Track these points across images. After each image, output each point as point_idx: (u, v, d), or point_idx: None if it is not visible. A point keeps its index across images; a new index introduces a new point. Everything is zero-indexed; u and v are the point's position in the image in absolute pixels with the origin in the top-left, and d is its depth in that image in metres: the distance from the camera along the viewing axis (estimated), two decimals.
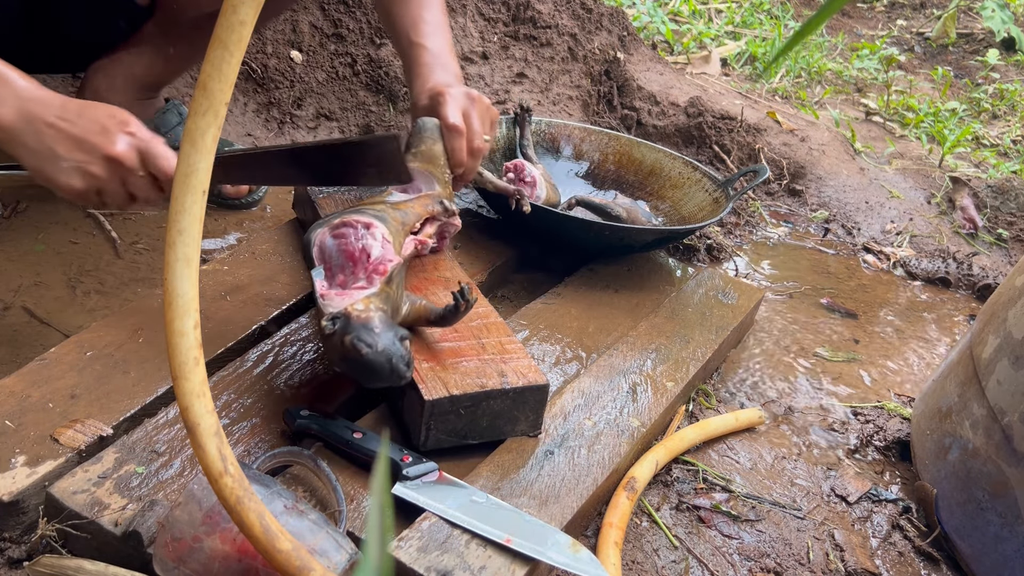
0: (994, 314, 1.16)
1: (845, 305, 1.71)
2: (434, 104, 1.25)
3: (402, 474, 0.95)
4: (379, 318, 0.94)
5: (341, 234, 1.03)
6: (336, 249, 1.02)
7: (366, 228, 1.02)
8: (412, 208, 1.15)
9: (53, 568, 0.82)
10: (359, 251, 1.01)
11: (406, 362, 0.93)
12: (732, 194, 1.62)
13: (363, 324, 0.92)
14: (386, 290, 0.99)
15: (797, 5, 3.96)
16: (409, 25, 1.30)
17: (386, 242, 1.02)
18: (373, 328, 0.92)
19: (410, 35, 1.29)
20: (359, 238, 1.01)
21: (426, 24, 1.30)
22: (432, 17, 1.32)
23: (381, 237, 1.02)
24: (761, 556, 1.08)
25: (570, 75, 2.24)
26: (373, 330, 0.92)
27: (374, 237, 1.02)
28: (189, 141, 0.64)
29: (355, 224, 1.03)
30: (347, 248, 1.01)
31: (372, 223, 1.03)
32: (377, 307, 0.95)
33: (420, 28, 1.29)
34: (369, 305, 0.95)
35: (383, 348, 0.91)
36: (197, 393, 0.67)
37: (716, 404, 1.33)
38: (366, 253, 1.00)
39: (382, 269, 0.99)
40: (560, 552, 0.89)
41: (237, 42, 0.63)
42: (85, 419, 0.95)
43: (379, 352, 0.91)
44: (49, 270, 1.31)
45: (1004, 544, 1.05)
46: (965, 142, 2.67)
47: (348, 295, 0.96)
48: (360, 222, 1.03)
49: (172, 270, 0.65)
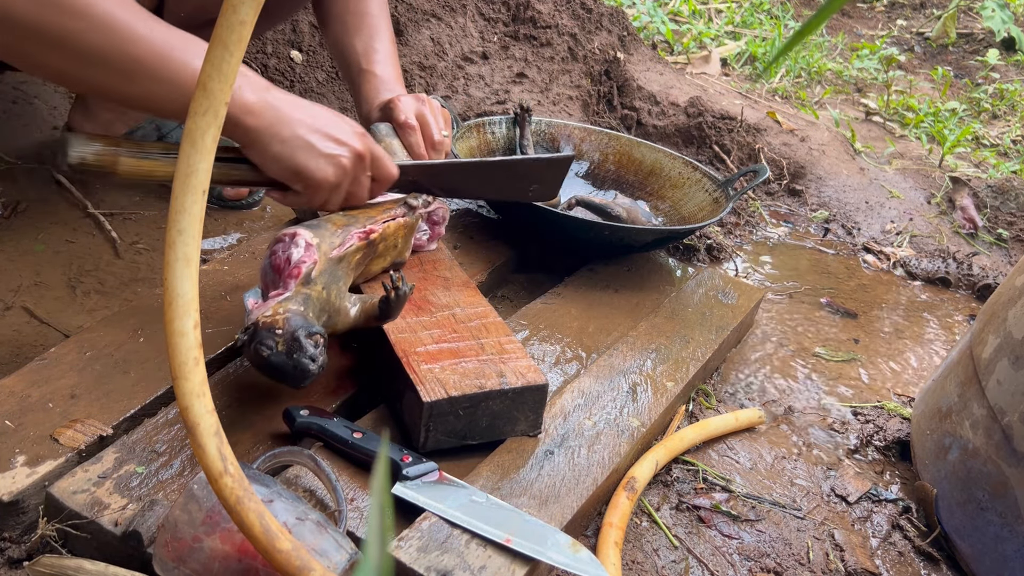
0: (994, 314, 1.16)
1: (845, 305, 1.71)
2: (386, 112, 1.30)
3: (402, 474, 0.95)
4: (286, 319, 0.95)
5: (272, 251, 1.03)
6: (268, 266, 1.03)
7: (291, 237, 1.03)
8: (366, 212, 1.14)
9: (53, 568, 0.82)
10: (283, 261, 1.01)
11: (309, 356, 0.93)
12: (732, 194, 1.62)
13: (267, 329, 0.94)
14: (303, 291, 0.99)
15: (797, 5, 3.96)
16: (361, 53, 1.34)
17: (309, 246, 1.01)
18: (275, 330, 0.93)
19: (361, 63, 1.33)
20: (285, 249, 1.02)
21: (376, 53, 1.35)
22: (383, 48, 1.36)
23: (304, 243, 1.01)
24: (761, 556, 1.08)
25: (570, 75, 2.24)
26: (275, 332, 0.93)
27: (296, 244, 1.01)
28: (189, 141, 0.64)
29: (283, 237, 1.03)
30: (275, 262, 1.02)
31: (296, 232, 1.03)
32: (288, 309, 0.96)
33: (371, 57, 1.34)
34: (278, 310, 0.96)
35: (284, 348, 0.92)
36: (197, 393, 0.67)
37: (716, 404, 1.33)
38: (288, 261, 1.01)
39: (295, 272, 0.99)
40: (560, 552, 0.89)
41: (237, 42, 0.63)
42: (85, 419, 0.95)
43: (278, 353, 0.92)
44: (49, 270, 1.31)
45: (1004, 544, 1.05)
46: (965, 142, 2.67)
47: (264, 305, 0.98)
48: (287, 234, 1.03)
49: (172, 270, 0.65)
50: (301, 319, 0.95)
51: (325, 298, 1.01)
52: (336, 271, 1.04)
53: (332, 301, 1.02)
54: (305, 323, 0.95)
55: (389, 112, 1.28)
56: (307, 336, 0.94)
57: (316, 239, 1.03)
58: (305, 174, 1.03)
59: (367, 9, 1.37)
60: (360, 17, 1.36)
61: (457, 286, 1.22)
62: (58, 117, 1.68)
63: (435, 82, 2.04)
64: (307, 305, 0.98)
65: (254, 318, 0.96)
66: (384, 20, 1.39)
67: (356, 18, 1.36)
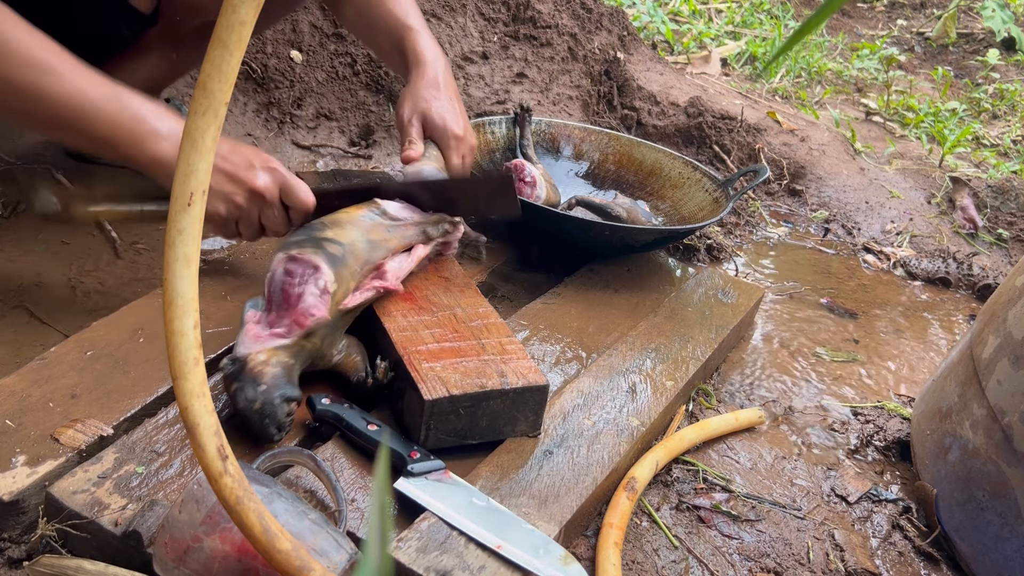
0: (994, 314, 1.16)
1: (845, 305, 1.71)
2: (436, 142, 1.35)
3: (406, 469, 0.95)
4: (272, 374, 0.95)
5: (289, 271, 1.02)
6: (280, 286, 1.02)
7: (313, 271, 1.02)
8: (390, 241, 1.14)
9: (53, 568, 0.82)
10: (295, 296, 1.01)
11: (276, 425, 0.95)
12: (732, 194, 1.62)
13: (252, 377, 0.95)
14: (301, 343, 0.99)
15: (797, 5, 3.96)
16: (401, 16, 1.40)
17: (325, 293, 1.01)
18: (259, 384, 0.94)
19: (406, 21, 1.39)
20: (303, 282, 1.01)
21: (419, 18, 1.41)
22: (419, 14, 1.43)
23: (322, 286, 1.01)
24: (761, 556, 1.08)
25: (570, 75, 2.24)
26: (258, 386, 0.94)
27: (316, 285, 1.01)
28: (189, 141, 0.64)
29: (306, 264, 1.02)
30: (287, 288, 1.01)
31: (320, 267, 1.02)
32: (279, 361, 0.97)
33: (411, 15, 1.41)
34: (271, 358, 0.97)
35: (259, 408, 0.94)
36: (197, 393, 0.66)
37: (716, 404, 1.33)
38: (300, 298, 1.00)
39: (303, 321, 0.99)
40: (550, 564, 0.88)
41: (237, 42, 0.63)
42: (85, 419, 0.95)
43: (254, 411, 0.94)
44: (49, 270, 1.31)
45: (1004, 544, 1.05)
46: (965, 142, 2.67)
47: (261, 340, 0.98)
48: (311, 263, 1.02)
49: (172, 270, 0.65)
50: (286, 378, 0.97)
51: (317, 347, 1.02)
52: (339, 322, 1.05)
53: (322, 349, 1.03)
54: (287, 385, 0.96)
55: (440, 145, 1.34)
56: (283, 401, 0.95)
57: (334, 284, 1.02)
58: None
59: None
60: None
61: (458, 286, 1.22)
62: None
63: None
64: (298, 357, 1.00)
65: (245, 351, 0.97)
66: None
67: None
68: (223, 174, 1.09)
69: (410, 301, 1.16)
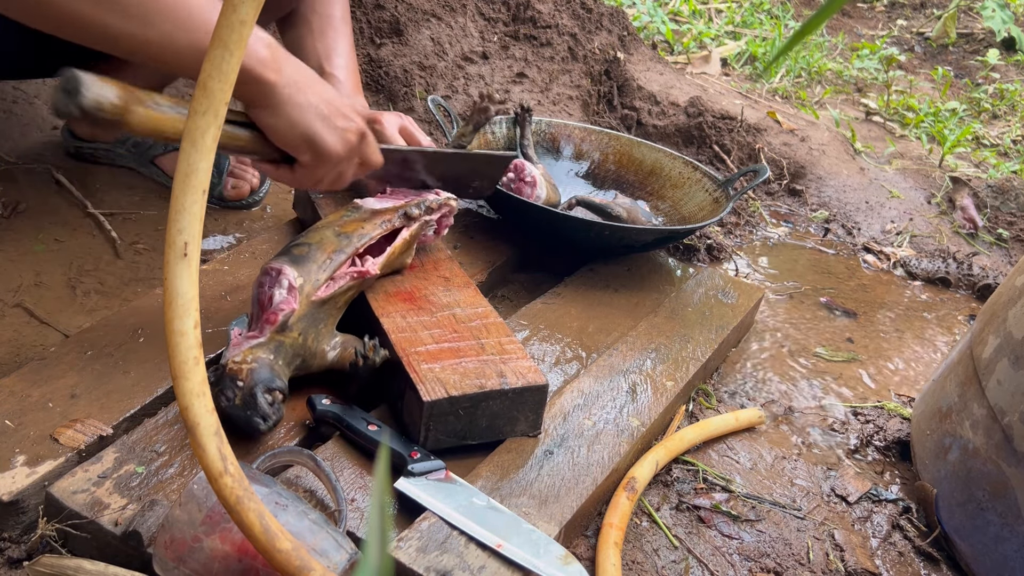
0: (994, 314, 1.16)
1: (845, 305, 1.71)
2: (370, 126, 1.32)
3: (406, 469, 0.95)
4: (250, 370, 0.96)
5: (260, 282, 1.03)
6: (256, 297, 1.03)
7: (277, 273, 1.02)
8: (363, 229, 1.13)
9: (53, 568, 0.82)
10: (266, 299, 1.01)
11: (261, 415, 0.95)
12: (732, 194, 1.62)
13: (230, 377, 0.96)
14: (277, 339, 1.00)
15: (797, 5, 3.96)
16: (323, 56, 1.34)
17: (292, 289, 1.01)
18: (238, 382, 0.95)
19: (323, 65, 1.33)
20: (271, 286, 1.02)
21: (339, 58, 1.35)
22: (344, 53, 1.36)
23: (287, 284, 1.01)
24: (761, 556, 1.08)
25: (570, 75, 2.24)
26: (237, 384, 0.95)
27: (280, 284, 1.01)
28: (189, 141, 0.64)
29: (270, 271, 1.03)
30: (260, 297, 1.02)
31: (282, 269, 1.02)
32: (256, 358, 0.97)
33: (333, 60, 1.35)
34: (247, 357, 0.97)
35: (240, 402, 0.94)
36: (197, 393, 0.67)
37: (716, 404, 1.33)
38: (270, 300, 1.01)
39: (272, 318, 1.00)
40: (550, 563, 0.88)
41: (237, 42, 0.63)
42: (85, 419, 0.95)
43: (235, 406, 0.95)
44: (49, 270, 1.31)
45: (1004, 544, 1.05)
46: (965, 142, 2.67)
47: (239, 346, 0.99)
48: (274, 269, 1.03)
49: (172, 270, 0.65)
50: (267, 371, 0.97)
51: (301, 343, 1.02)
52: (318, 314, 1.05)
53: (308, 346, 1.03)
54: (269, 376, 0.96)
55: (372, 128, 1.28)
56: (266, 392, 0.95)
57: (301, 279, 1.02)
58: (317, 144, 1.01)
59: (332, 12, 1.37)
60: (325, 20, 1.36)
61: (457, 286, 1.22)
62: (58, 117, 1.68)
63: (435, 82, 2.04)
64: (279, 353, 0.99)
65: (224, 360, 0.98)
66: (347, 28, 1.38)
67: (322, 21, 1.36)
68: (340, 112, 1.03)
69: (409, 301, 1.16)
